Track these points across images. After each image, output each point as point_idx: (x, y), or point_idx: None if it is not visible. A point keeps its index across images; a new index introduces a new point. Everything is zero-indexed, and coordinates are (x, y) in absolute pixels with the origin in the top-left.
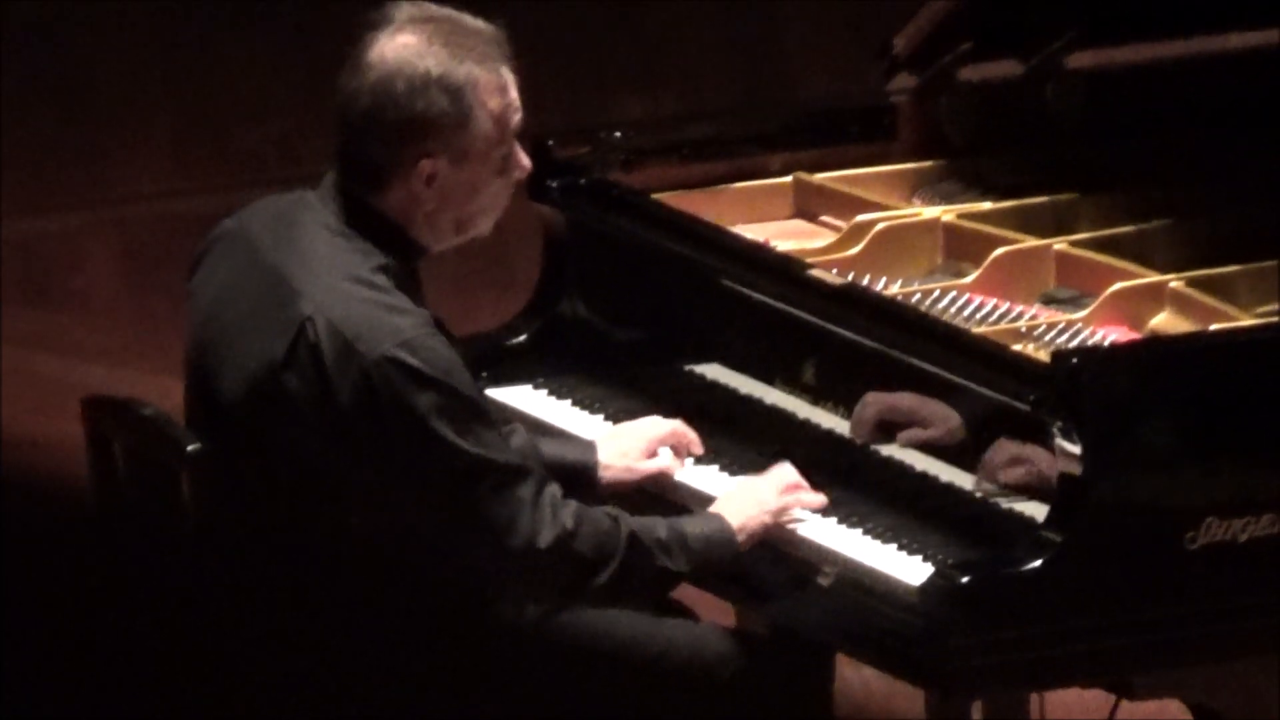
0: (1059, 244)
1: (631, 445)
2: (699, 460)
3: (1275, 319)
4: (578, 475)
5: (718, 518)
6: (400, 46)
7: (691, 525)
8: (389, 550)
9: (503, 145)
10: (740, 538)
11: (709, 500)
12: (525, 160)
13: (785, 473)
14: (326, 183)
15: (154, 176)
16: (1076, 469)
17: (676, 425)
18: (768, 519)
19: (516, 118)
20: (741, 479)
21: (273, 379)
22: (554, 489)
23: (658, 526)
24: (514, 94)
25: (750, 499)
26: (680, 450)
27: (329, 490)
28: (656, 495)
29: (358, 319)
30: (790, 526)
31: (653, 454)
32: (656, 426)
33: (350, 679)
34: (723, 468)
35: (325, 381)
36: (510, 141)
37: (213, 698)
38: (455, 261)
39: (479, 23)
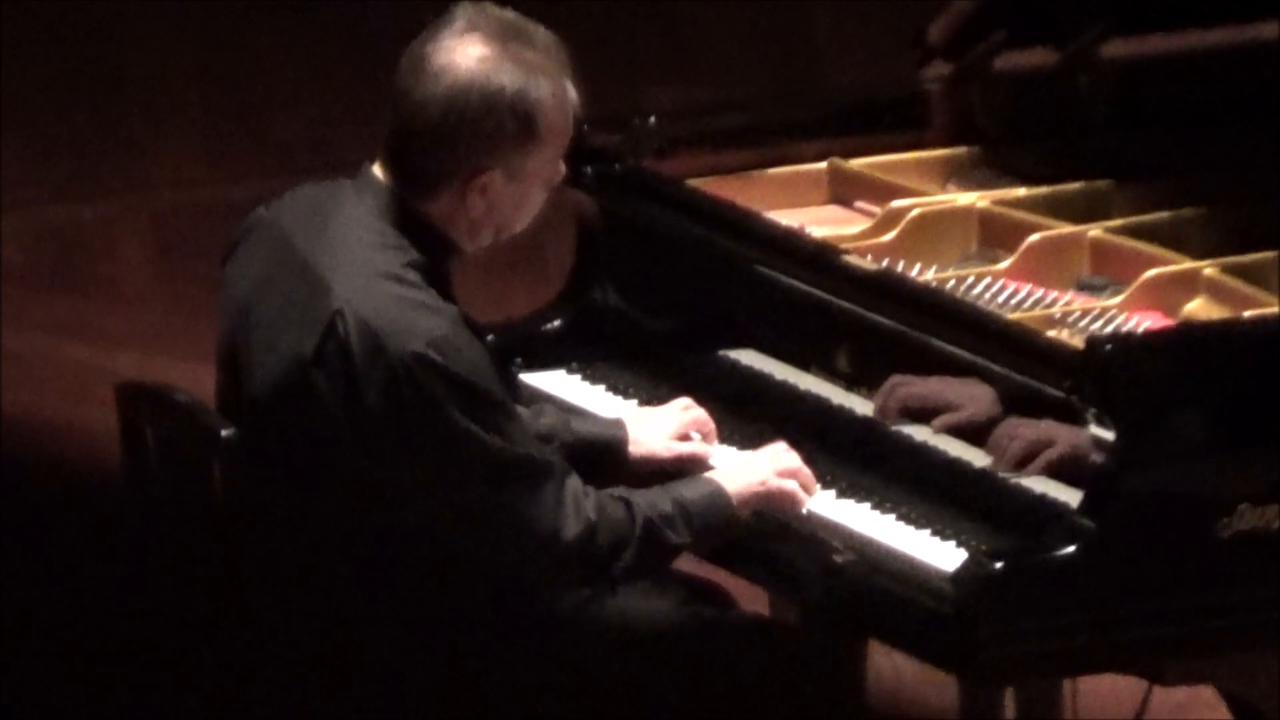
0: (1093, 230)
1: (660, 425)
2: (733, 446)
3: None
4: (607, 451)
5: (712, 481)
6: (474, 59)
7: (689, 491)
8: (416, 543)
9: (555, 160)
10: (735, 502)
11: None
12: (563, 168)
13: (781, 450)
14: (367, 176)
15: (186, 164)
16: (1110, 455)
17: (700, 412)
18: (760, 489)
19: (570, 135)
20: (739, 453)
21: (301, 375)
22: (576, 481)
23: (661, 500)
24: (573, 111)
25: (745, 467)
26: (706, 438)
27: (356, 484)
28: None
29: (387, 316)
30: (820, 512)
31: (682, 437)
32: (684, 411)
33: (377, 667)
34: None
35: (353, 378)
36: (560, 156)
37: (239, 684)
38: (488, 248)
39: (542, 31)
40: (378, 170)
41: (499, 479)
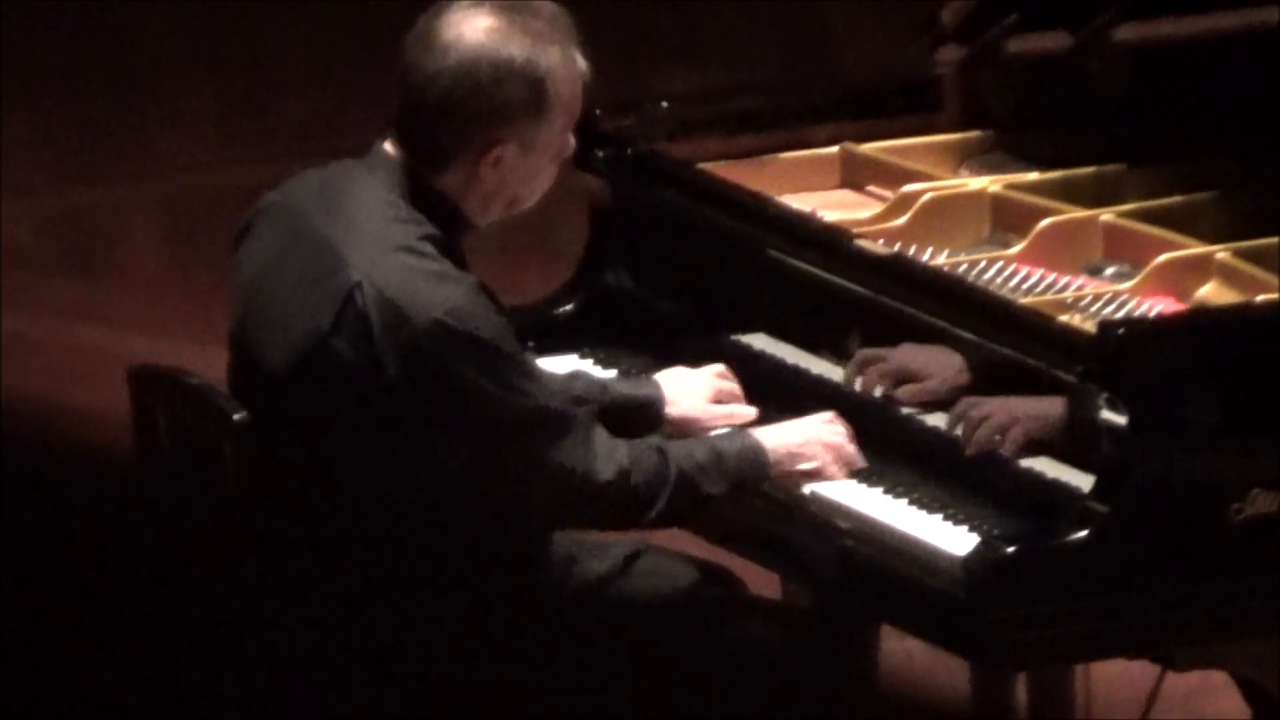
0: (1106, 215)
1: (698, 388)
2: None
3: None
4: (646, 410)
5: (749, 435)
6: (482, 31)
7: (726, 443)
8: (431, 521)
9: (566, 131)
10: (770, 459)
11: None
12: (572, 141)
13: (827, 418)
14: (378, 153)
15: (198, 148)
16: (1122, 440)
17: (735, 385)
18: (798, 450)
19: (580, 106)
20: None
21: (320, 347)
22: (604, 431)
23: (697, 450)
24: (582, 80)
25: (787, 428)
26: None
27: (374, 459)
28: None
29: (407, 287)
30: (832, 496)
31: (717, 401)
32: (719, 378)
33: (390, 648)
34: None
35: (373, 350)
36: (570, 127)
37: (251, 667)
38: (501, 232)
39: (548, 2)
40: (389, 146)
41: (525, 432)
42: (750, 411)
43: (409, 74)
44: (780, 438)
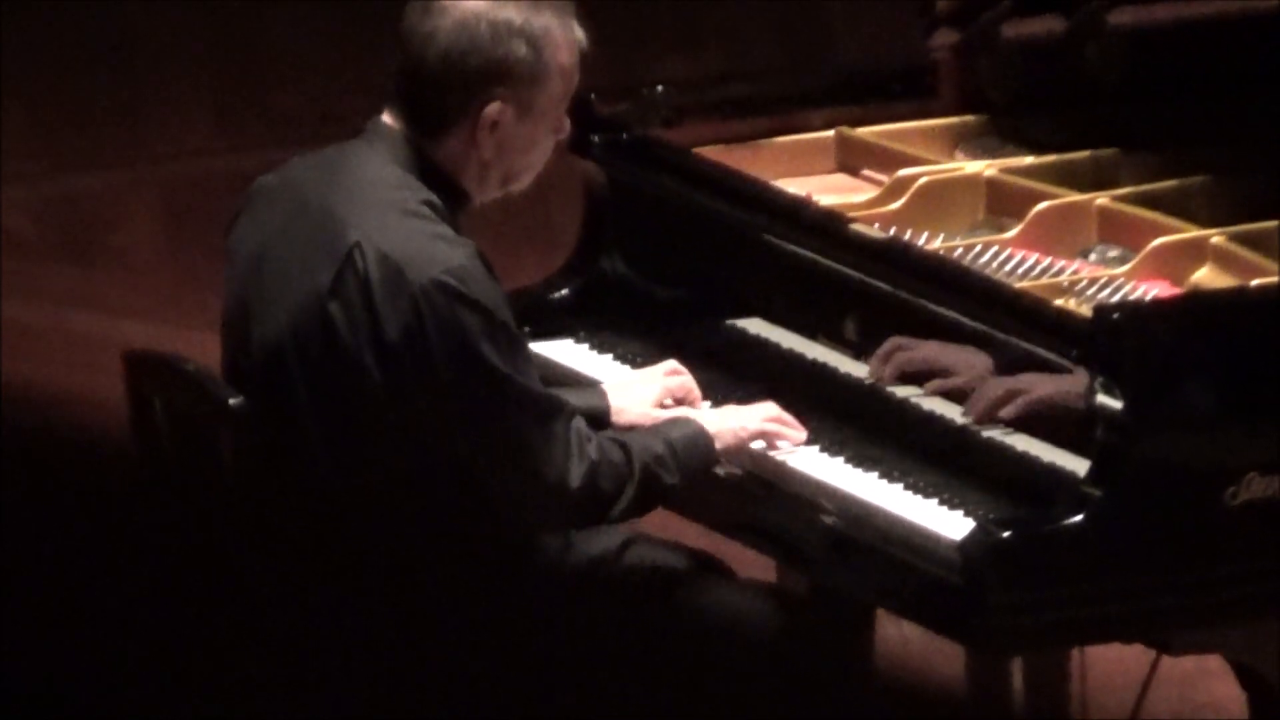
0: (1101, 199)
1: (643, 393)
2: None
3: None
4: (591, 421)
5: (694, 422)
6: None
7: (675, 431)
8: (429, 491)
9: (563, 103)
10: (716, 444)
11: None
12: (567, 123)
13: (769, 406)
14: (377, 126)
15: (195, 135)
16: (1118, 424)
17: (686, 378)
18: (743, 433)
19: (576, 77)
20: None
21: (320, 308)
22: (580, 423)
23: (654, 443)
24: (579, 50)
25: (728, 414)
26: (691, 405)
27: (372, 426)
28: None
29: (407, 247)
30: (828, 480)
31: (664, 403)
32: (668, 376)
33: (388, 630)
34: None
35: (373, 310)
36: (567, 100)
37: (251, 653)
38: (497, 217)
39: None
40: (387, 119)
41: (514, 410)
42: (698, 411)
43: (408, 38)
44: (723, 423)
